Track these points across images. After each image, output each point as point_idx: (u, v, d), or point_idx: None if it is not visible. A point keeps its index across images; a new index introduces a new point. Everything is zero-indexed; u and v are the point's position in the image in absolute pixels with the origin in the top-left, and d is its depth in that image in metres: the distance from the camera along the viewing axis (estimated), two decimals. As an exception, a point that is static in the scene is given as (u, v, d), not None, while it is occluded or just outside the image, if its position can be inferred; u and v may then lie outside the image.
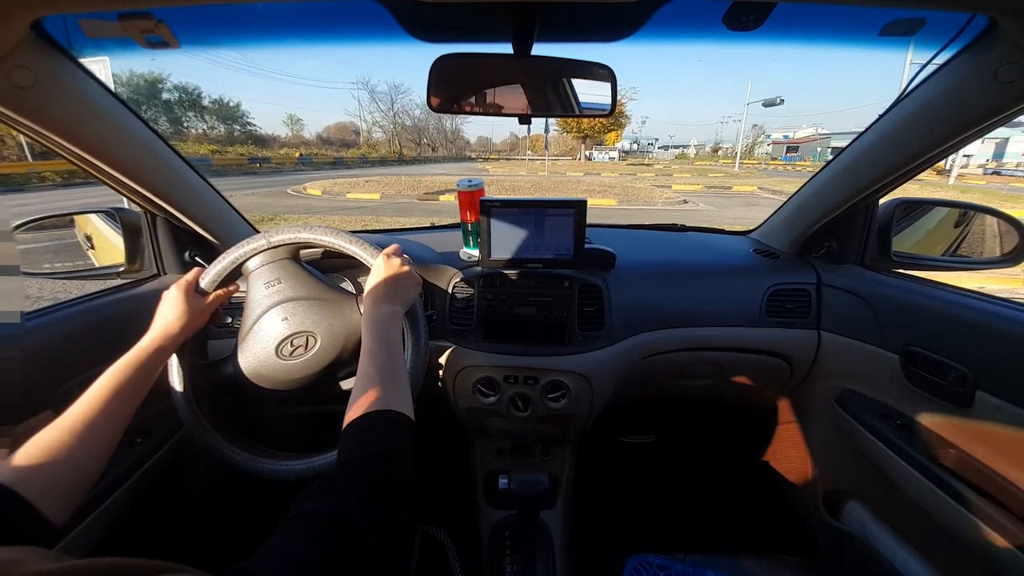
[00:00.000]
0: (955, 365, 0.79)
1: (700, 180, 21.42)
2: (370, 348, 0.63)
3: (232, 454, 0.77)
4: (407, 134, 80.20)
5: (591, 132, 52.71)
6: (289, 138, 75.90)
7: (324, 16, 0.77)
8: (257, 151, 39.52)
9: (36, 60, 0.62)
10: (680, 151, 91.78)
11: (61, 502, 0.48)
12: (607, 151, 65.23)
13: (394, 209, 10.75)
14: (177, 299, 0.74)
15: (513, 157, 74.16)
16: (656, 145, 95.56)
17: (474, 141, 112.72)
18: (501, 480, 0.94)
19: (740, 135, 37.41)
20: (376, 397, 0.55)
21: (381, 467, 0.47)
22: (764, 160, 63.97)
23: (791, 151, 68.25)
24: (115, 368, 0.62)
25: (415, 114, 79.83)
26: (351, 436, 0.51)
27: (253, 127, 63.10)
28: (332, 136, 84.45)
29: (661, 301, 1.11)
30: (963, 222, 1.08)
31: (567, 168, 33.29)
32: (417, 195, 13.43)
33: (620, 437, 1.70)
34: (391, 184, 16.72)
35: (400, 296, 0.73)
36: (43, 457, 0.50)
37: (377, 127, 78.25)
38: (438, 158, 66.50)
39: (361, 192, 14.07)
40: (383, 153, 60.70)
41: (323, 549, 0.37)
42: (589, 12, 0.70)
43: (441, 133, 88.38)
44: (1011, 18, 0.57)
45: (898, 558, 0.91)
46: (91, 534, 0.76)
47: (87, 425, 0.55)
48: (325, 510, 0.40)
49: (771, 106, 30.77)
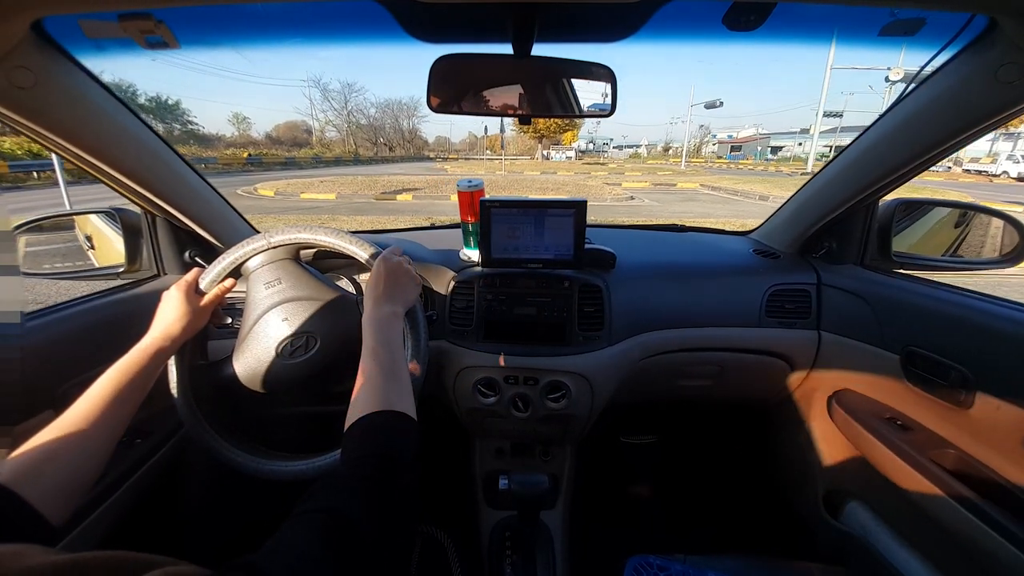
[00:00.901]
0: (955, 365, 0.79)
1: (649, 178, 22.75)
2: (371, 348, 0.63)
3: (232, 455, 0.77)
4: (362, 133, 77.51)
5: (547, 132, 52.24)
6: (235, 138, 72.21)
7: (324, 16, 0.77)
8: (201, 151, 38.29)
9: (36, 60, 0.62)
10: (634, 151, 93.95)
11: (60, 502, 0.48)
12: (564, 151, 66.17)
13: (350, 209, 10.73)
14: (177, 299, 0.74)
15: (472, 157, 73.41)
16: (611, 145, 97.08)
17: (432, 141, 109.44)
18: (501, 481, 0.94)
19: (687, 135, 40.49)
20: (378, 397, 0.55)
21: (383, 467, 0.47)
22: (711, 159, 68.00)
23: (735, 150, 73.22)
24: (115, 369, 0.62)
25: (370, 113, 78.51)
26: (353, 436, 0.51)
27: (195, 126, 60.37)
28: (282, 135, 79.60)
29: (661, 301, 1.11)
30: (963, 222, 1.08)
31: (525, 167, 33.68)
32: (374, 195, 13.29)
33: (620, 437, 1.70)
34: (347, 184, 16.50)
35: (400, 296, 0.73)
36: (43, 457, 0.50)
37: (331, 126, 75.13)
38: (395, 158, 64.59)
39: (316, 192, 13.79)
40: (338, 153, 59.03)
41: (328, 545, 0.37)
42: (589, 12, 0.70)
43: (398, 132, 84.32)
44: (1011, 18, 0.57)
45: (898, 558, 0.91)
46: (92, 534, 0.76)
47: (87, 426, 0.55)
48: (329, 507, 0.40)
49: (712, 108, 32.26)
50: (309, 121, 78.67)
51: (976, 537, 0.71)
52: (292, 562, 0.34)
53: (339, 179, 19.46)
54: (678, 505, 1.57)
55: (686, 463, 1.67)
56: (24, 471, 0.47)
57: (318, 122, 75.28)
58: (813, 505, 1.18)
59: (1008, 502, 0.70)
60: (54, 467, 0.50)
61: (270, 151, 50.87)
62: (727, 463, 1.59)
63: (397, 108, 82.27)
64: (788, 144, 61.10)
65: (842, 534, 1.07)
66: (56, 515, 0.47)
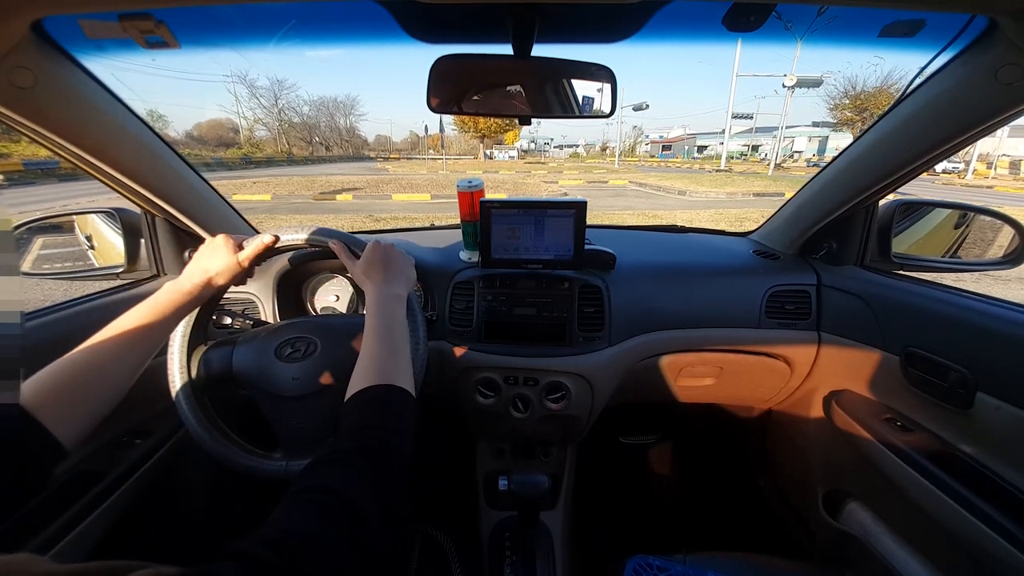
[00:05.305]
0: (955, 366, 0.79)
1: (584, 176, 24.22)
2: (373, 326, 0.62)
3: (232, 454, 0.77)
4: (296, 132, 73.20)
5: (488, 132, 52.29)
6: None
7: (324, 16, 0.77)
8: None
9: (36, 60, 0.62)
10: (573, 150, 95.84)
11: (75, 427, 0.49)
12: (507, 150, 66.60)
13: (289, 208, 10.57)
14: (225, 248, 0.72)
15: (414, 156, 71.67)
16: (552, 145, 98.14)
17: (372, 140, 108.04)
18: (501, 481, 0.94)
19: (619, 136, 42.72)
20: (378, 372, 0.55)
21: (381, 438, 0.47)
22: (644, 158, 71.76)
23: (666, 149, 77.15)
24: (147, 303, 0.62)
25: (303, 111, 74.95)
26: (351, 408, 0.51)
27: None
28: (206, 135, 75.00)
29: (661, 302, 1.11)
30: (963, 223, 1.08)
31: (467, 167, 34.15)
32: (312, 195, 13.07)
33: (620, 438, 1.70)
34: (282, 184, 16.15)
35: (401, 278, 0.73)
36: (64, 381, 0.50)
37: (260, 124, 69.01)
38: (333, 157, 62.42)
39: (248, 193, 13.21)
40: (269, 153, 56.08)
41: (325, 522, 0.36)
42: (589, 13, 0.70)
43: (335, 131, 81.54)
44: (1011, 19, 0.57)
45: (898, 558, 0.91)
46: (91, 534, 0.76)
47: (112, 355, 0.55)
48: (325, 485, 0.40)
49: (639, 110, 33.81)
50: (235, 119, 73.06)
51: (976, 537, 0.71)
52: (285, 539, 0.33)
53: (273, 180, 18.74)
54: (678, 505, 1.57)
55: (686, 463, 1.67)
56: (44, 393, 0.48)
57: (246, 120, 69.53)
58: (813, 505, 1.18)
59: (1008, 502, 0.70)
60: (75, 391, 0.50)
61: (193, 151, 47.91)
62: (727, 463, 1.59)
63: (333, 106, 79.80)
64: (712, 143, 63.32)
65: (842, 534, 1.07)
66: (69, 439, 0.47)
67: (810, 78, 21.84)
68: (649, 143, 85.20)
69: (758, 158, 48.86)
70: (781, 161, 33.29)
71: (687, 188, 15.03)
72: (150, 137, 0.86)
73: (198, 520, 1.13)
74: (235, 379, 0.77)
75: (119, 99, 0.78)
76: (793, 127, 52.04)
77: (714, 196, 13.49)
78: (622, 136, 47.10)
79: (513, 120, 0.82)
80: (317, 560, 0.33)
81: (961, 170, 24.43)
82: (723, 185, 15.99)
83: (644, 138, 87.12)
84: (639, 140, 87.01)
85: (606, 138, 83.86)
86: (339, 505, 0.38)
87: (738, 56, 22.61)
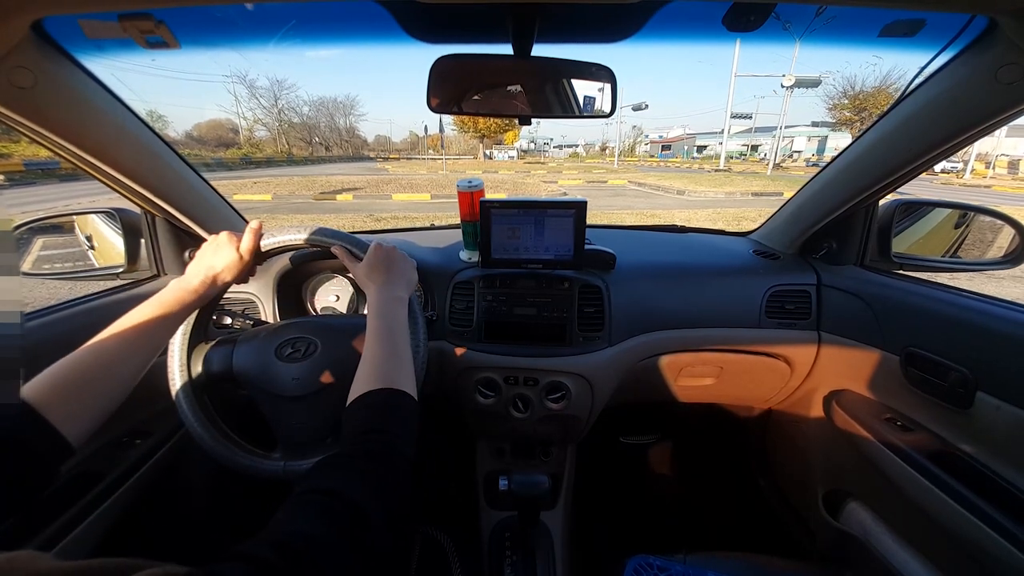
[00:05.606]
0: (955, 366, 0.79)
1: (584, 176, 24.23)
2: (375, 328, 0.62)
3: (232, 454, 0.77)
4: (295, 132, 73.38)
5: (488, 132, 52.05)
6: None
7: (324, 16, 0.77)
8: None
9: (36, 60, 0.62)
10: (572, 150, 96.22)
11: (82, 424, 0.49)
12: (506, 150, 66.57)
13: (290, 208, 10.58)
14: (229, 246, 0.72)
15: (414, 156, 72.03)
16: (552, 145, 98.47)
17: (372, 140, 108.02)
18: (501, 481, 0.94)
19: (619, 136, 43.22)
20: (380, 375, 0.55)
21: (384, 441, 0.47)
22: (644, 157, 72.01)
23: (665, 149, 77.37)
24: (153, 301, 0.62)
25: (303, 111, 74.99)
26: (353, 412, 0.51)
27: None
28: (206, 135, 75.03)
29: (661, 302, 1.11)
30: (963, 223, 1.08)
31: (467, 167, 34.05)
32: (312, 195, 13.06)
33: (620, 438, 1.70)
34: (282, 185, 16.12)
35: (402, 280, 0.73)
36: (71, 378, 0.50)
37: (260, 125, 69.06)
38: (333, 157, 62.59)
39: (249, 194, 13.19)
40: (269, 153, 56.34)
41: (328, 525, 0.36)
42: (589, 13, 0.70)
43: (335, 131, 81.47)
44: (1011, 19, 0.57)
45: (898, 558, 0.91)
46: (92, 534, 0.76)
47: (119, 352, 0.55)
48: (328, 487, 0.40)
49: (639, 110, 34.05)
50: (235, 120, 73.15)
51: (976, 537, 0.71)
52: (289, 541, 0.33)
53: (274, 180, 18.70)
54: (678, 505, 1.57)
55: (686, 463, 1.67)
56: (51, 391, 0.48)
57: (246, 120, 69.78)
58: (813, 505, 1.18)
59: (1008, 502, 0.70)
60: (81, 388, 0.50)
61: (193, 152, 47.76)
62: (727, 463, 1.59)
63: (333, 106, 79.70)
64: (711, 143, 63.59)
65: (842, 534, 1.07)
66: (76, 437, 0.47)
67: (808, 78, 21.95)
68: (648, 143, 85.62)
69: (757, 158, 49.06)
70: (780, 161, 33.81)
71: (686, 188, 15.17)
72: (150, 137, 0.86)
73: (198, 520, 1.13)
74: (235, 379, 0.77)
75: (119, 99, 0.78)
76: (792, 127, 52.28)
77: (713, 196, 13.55)
78: (621, 136, 47.51)
79: (513, 120, 0.82)
80: (321, 562, 0.33)
81: (960, 170, 24.49)
82: (722, 185, 16.05)
83: (643, 138, 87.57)
84: (638, 140, 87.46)
85: (605, 138, 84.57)
86: (343, 508, 0.38)
87: (737, 56, 22.87)
